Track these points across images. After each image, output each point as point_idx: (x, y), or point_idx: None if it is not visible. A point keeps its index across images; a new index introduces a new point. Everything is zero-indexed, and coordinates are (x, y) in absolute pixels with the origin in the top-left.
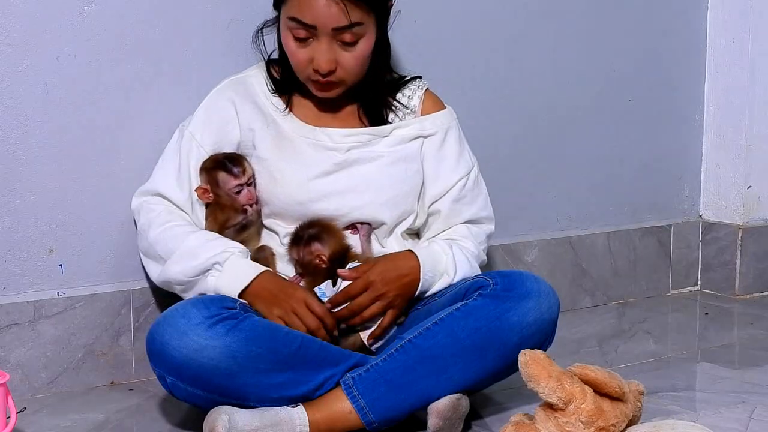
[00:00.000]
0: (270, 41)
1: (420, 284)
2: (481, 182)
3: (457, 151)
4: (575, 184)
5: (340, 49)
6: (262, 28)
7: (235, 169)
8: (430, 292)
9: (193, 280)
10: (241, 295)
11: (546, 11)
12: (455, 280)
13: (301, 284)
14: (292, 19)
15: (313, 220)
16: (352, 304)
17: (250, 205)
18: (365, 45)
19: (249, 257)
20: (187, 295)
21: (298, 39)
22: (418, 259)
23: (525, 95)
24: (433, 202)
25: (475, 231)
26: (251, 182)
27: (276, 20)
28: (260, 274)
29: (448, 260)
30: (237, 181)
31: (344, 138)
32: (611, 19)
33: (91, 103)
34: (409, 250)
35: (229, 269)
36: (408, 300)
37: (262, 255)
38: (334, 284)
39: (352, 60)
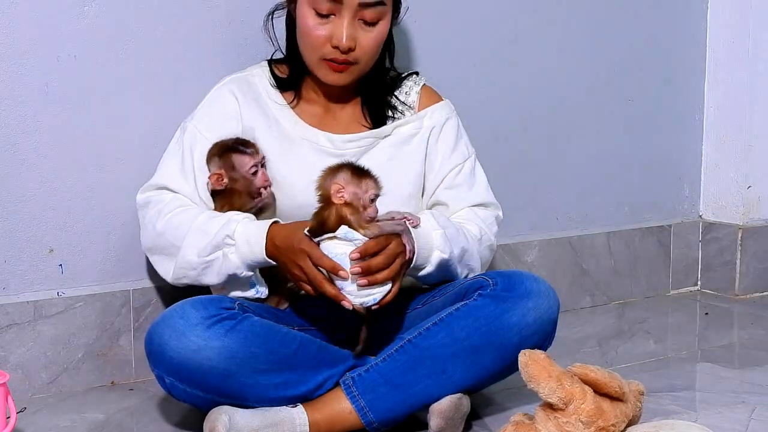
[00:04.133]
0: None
1: (416, 255)
2: (478, 173)
3: (453, 141)
4: (575, 184)
5: (360, 28)
6: (273, 12)
7: (248, 150)
8: (426, 270)
9: (208, 260)
10: (269, 257)
11: (546, 11)
12: (452, 257)
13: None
14: None
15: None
16: (369, 262)
17: (265, 188)
18: (383, 27)
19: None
20: (206, 280)
21: (319, 15)
22: None
23: (525, 95)
24: (432, 194)
25: (483, 214)
26: (263, 163)
27: (284, 7)
28: (269, 230)
29: (437, 236)
30: (253, 161)
31: (346, 144)
32: (611, 20)
33: (91, 103)
34: None
35: (241, 237)
36: (406, 270)
37: None
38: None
39: (370, 41)
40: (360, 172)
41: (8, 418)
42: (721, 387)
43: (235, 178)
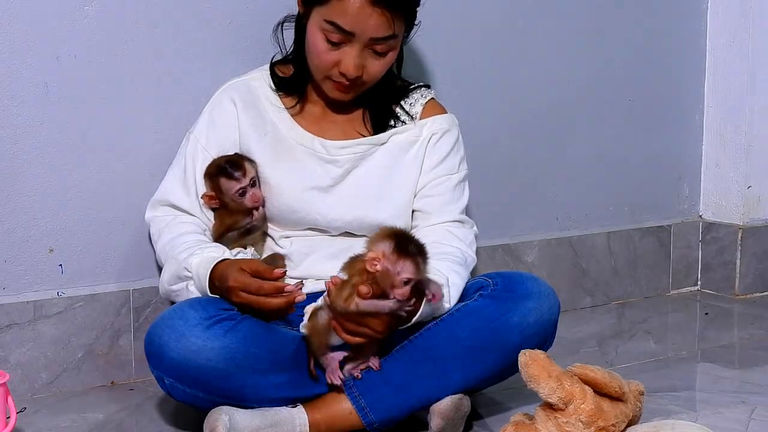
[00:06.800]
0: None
1: (416, 316)
2: (465, 192)
3: (447, 151)
4: (575, 184)
5: (369, 56)
6: (282, 23)
7: (236, 173)
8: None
9: (175, 290)
10: (213, 291)
11: (546, 11)
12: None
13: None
14: (330, 22)
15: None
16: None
17: (256, 208)
18: (393, 55)
19: (252, 254)
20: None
21: (329, 42)
22: None
23: (525, 95)
24: (414, 200)
25: (461, 232)
26: (254, 182)
27: (297, 17)
28: (213, 269)
29: (446, 291)
30: (239, 185)
31: (340, 150)
32: (611, 19)
33: (91, 103)
34: None
35: (194, 271)
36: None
37: (274, 263)
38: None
39: (378, 67)
40: (404, 251)
41: (8, 418)
42: (721, 387)
43: (225, 200)
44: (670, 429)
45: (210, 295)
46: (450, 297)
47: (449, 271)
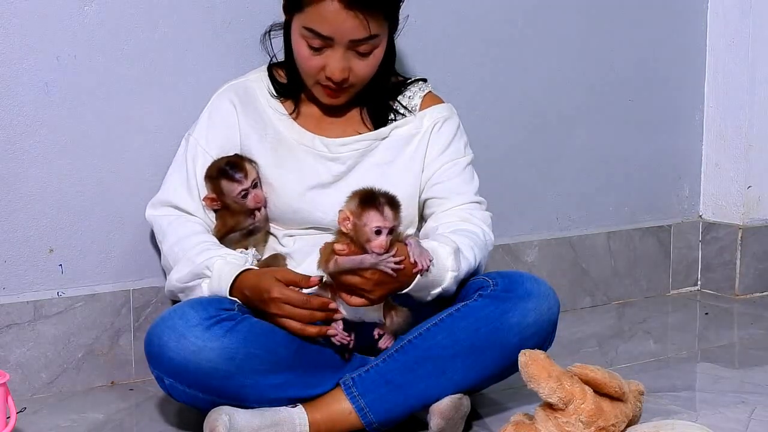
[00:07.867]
0: (274, 42)
1: (414, 283)
2: (473, 177)
3: (450, 137)
4: (575, 184)
5: (354, 57)
6: (270, 31)
7: (237, 175)
8: (438, 290)
9: (188, 286)
10: (233, 295)
11: (546, 11)
12: (462, 275)
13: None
14: (308, 29)
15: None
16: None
17: (259, 209)
18: (378, 53)
19: (254, 261)
20: None
21: (311, 48)
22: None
23: (525, 95)
24: (425, 188)
25: (480, 215)
26: (256, 184)
27: (284, 24)
28: (238, 276)
29: (451, 259)
30: (241, 187)
31: (341, 148)
32: (611, 19)
33: (91, 103)
34: None
35: (216, 272)
36: (392, 292)
37: (275, 263)
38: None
39: (365, 68)
40: (366, 203)
41: (8, 418)
42: (721, 387)
43: (227, 202)
44: (670, 429)
45: (227, 296)
46: (459, 266)
47: (467, 248)
